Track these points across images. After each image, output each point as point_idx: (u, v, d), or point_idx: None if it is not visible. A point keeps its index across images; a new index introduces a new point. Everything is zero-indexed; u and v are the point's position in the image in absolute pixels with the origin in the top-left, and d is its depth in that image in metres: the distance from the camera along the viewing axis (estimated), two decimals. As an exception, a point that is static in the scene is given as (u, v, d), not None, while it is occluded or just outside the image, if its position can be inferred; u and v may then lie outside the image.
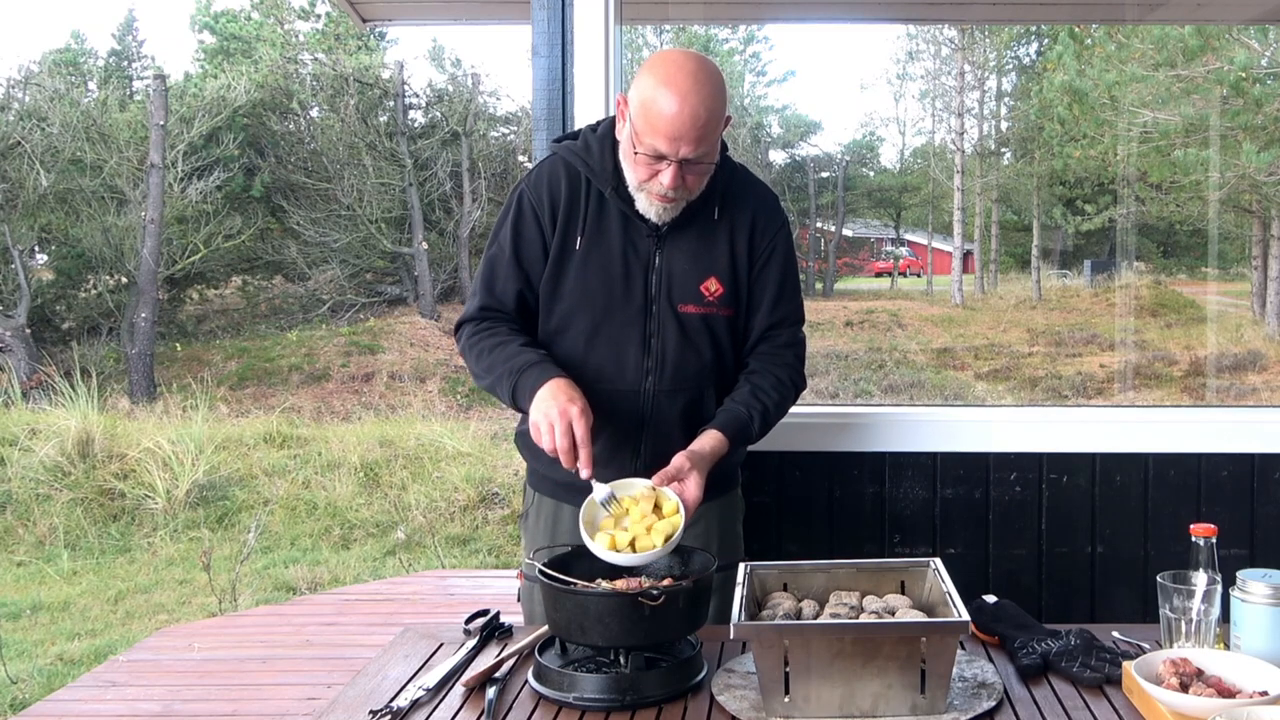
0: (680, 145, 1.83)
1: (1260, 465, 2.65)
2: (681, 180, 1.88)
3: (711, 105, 1.83)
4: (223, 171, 17.91)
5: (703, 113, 1.82)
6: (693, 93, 1.82)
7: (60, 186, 16.77)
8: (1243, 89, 12.10)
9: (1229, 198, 15.17)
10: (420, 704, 1.64)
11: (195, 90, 19.19)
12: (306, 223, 18.70)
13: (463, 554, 7.74)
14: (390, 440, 9.84)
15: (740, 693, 1.62)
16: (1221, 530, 1.65)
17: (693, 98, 1.81)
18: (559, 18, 2.62)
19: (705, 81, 1.84)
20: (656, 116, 1.83)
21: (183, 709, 3.84)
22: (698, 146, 1.84)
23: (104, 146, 17.35)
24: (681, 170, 1.86)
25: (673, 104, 1.81)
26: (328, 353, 16.57)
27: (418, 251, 18.75)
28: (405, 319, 18.32)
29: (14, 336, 14.85)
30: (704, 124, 1.82)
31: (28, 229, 16.74)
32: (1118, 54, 13.59)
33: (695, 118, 1.81)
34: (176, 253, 17.48)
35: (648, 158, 1.87)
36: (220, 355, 16.91)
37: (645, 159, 1.87)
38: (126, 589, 6.99)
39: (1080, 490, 2.67)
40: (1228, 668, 1.54)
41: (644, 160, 1.88)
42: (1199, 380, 14.68)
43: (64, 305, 17.75)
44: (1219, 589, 1.60)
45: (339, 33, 21.66)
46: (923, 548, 2.66)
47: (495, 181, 19.75)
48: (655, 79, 1.84)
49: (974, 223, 22.26)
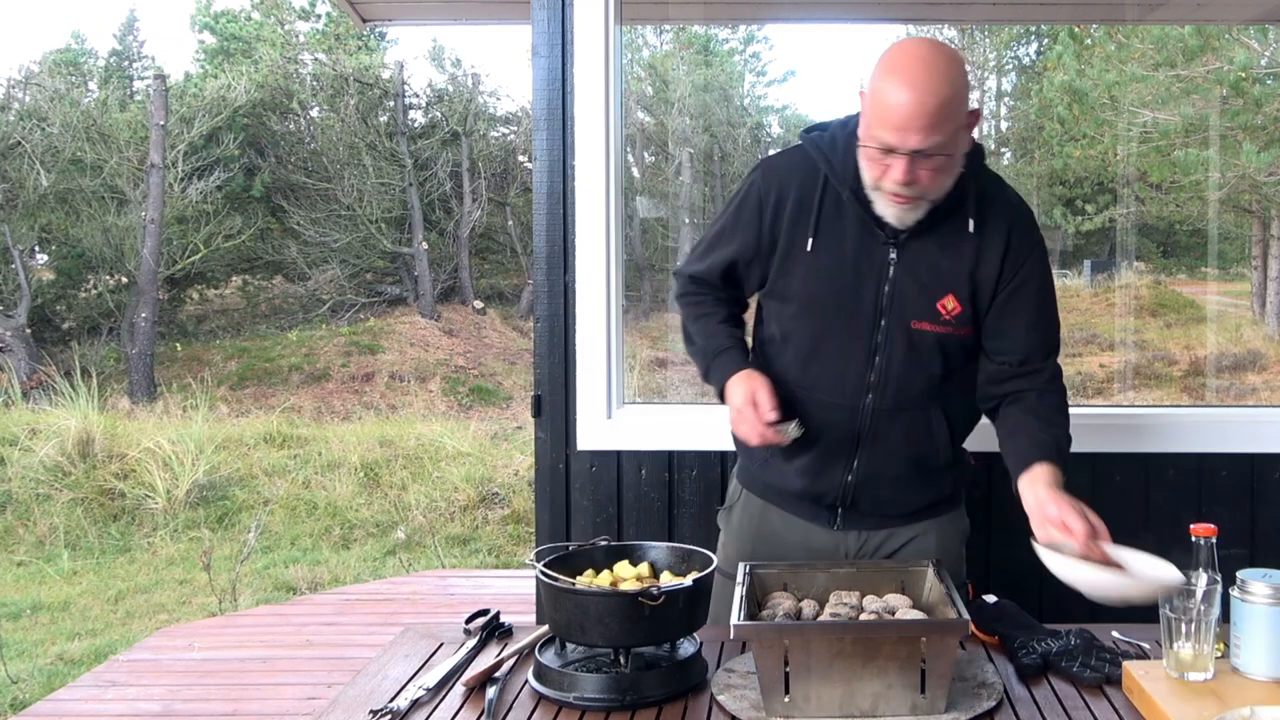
0: (908, 136, 1.70)
1: (1260, 465, 2.65)
2: (914, 176, 1.74)
3: (943, 92, 1.69)
4: (223, 171, 17.90)
5: (930, 100, 1.68)
6: (922, 79, 1.69)
7: (60, 186, 16.76)
8: (1243, 89, 12.10)
9: (1229, 198, 15.16)
10: (420, 704, 1.64)
11: (195, 90, 19.18)
12: (306, 223, 18.69)
13: (463, 554, 7.74)
14: (390, 440, 9.84)
15: (740, 693, 1.62)
16: (1221, 530, 1.65)
17: (921, 85, 1.69)
18: (559, 18, 2.62)
19: (937, 68, 1.71)
20: (883, 106, 1.72)
21: (183, 709, 3.84)
22: (928, 137, 1.70)
23: (104, 146, 17.34)
24: (913, 165, 1.73)
25: (899, 92, 1.70)
26: (328, 353, 16.56)
27: (418, 251, 18.74)
28: (405, 319, 18.31)
29: (14, 336, 14.84)
30: (932, 112, 1.69)
31: (28, 229, 16.73)
32: (1118, 54, 13.59)
33: (923, 105, 1.68)
34: (176, 253, 17.47)
35: (877, 151, 1.75)
36: (220, 355, 16.90)
37: (875, 153, 1.76)
38: (126, 589, 6.99)
39: (1080, 490, 2.63)
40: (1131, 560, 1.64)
41: (873, 154, 1.76)
42: (1199, 380, 14.67)
43: (64, 305, 17.74)
44: (1219, 589, 1.60)
45: (339, 33, 21.65)
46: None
47: (495, 181, 19.76)
48: (885, 67, 1.74)
49: (974, 223, 22.23)
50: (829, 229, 1.88)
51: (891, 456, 1.92)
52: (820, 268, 1.88)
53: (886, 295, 1.86)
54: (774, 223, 1.91)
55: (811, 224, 1.88)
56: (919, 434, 1.91)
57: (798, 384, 1.92)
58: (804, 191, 1.89)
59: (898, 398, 1.89)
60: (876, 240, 1.86)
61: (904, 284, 1.86)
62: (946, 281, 1.86)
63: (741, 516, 2.10)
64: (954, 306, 1.86)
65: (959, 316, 1.87)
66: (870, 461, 1.93)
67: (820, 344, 1.90)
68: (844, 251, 1.87)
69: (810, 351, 1.91)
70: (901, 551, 2.01)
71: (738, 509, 2.11)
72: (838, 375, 1.90)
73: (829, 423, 1.91)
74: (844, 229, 1.88)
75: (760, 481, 2.07)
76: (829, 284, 1.88)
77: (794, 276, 1.91)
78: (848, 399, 1.90)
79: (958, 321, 1.87)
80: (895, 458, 1.92)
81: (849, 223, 1.87)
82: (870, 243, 1.86)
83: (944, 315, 1.86)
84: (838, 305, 1.88)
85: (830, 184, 1.88)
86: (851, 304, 1.87)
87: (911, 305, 1.86)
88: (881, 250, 1.86)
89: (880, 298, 1.86)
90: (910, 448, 1.93)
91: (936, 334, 1.87)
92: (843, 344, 1.89)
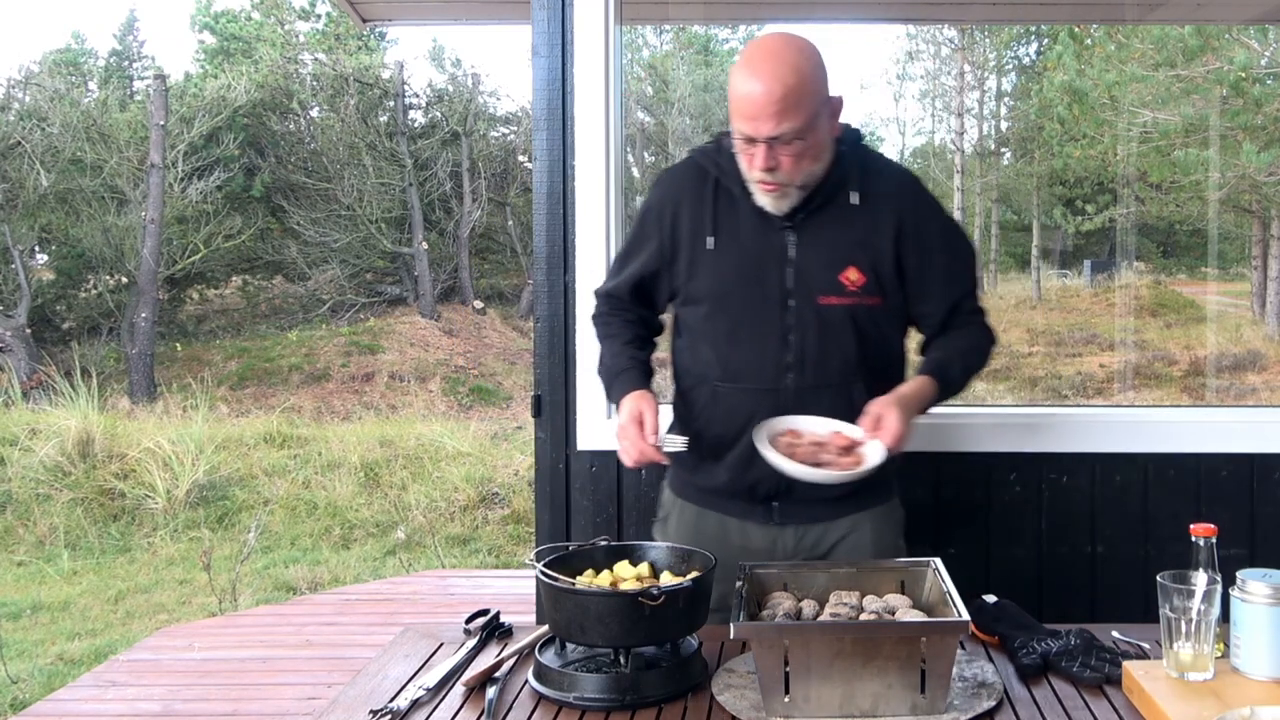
0: (761, 124, 1.79)
1: (1260, 465, 2.65)
2: (775, 162, 1.83)
3: (789, 80, 1.78)
4: (223, 171, 17.91)
5: (777, 88, 1.77)
6: (768, 70, 1.78)
7: (60, 186, 16.77)
8: (1243, 89, 12.10)
9: (1229, 198, 15.17)
10: (420, 704, 1.64)
11: (195, 90, 19.18)
12: (306, 223, 18.70)
13: (463, 554, 7.74)
14: (390, 440, 9.84)
15: (740, 693, 1.62)
16: (1221, 530, 1.65)
17: (768, 75, 1.78)
18: (559, 18, 2.61)
19: (784, 59, 1.80)
20: (737, 98, 1.82)
21: (183, 709, 3.84)
22: (779, 124, 1.78)
23: (104, 146, 17.34)
24: (771, 152, 1.81)
25: (748, 83, 1.79)
26: (328, 353, 16.56)
27: (418, 251, 18.75)
28: (405, 319, 18.32)
29: (14, 336, 14.85)
30: (779, 100, 1.77)
31: (28, 229, 16.74)
32: (1118, 54, 13.59)
33: (770, 94, 1.77)
34: (176, 253, 17.47)
35: (742, 142, 1.85)
36: (220, 355, 16.90)
37: (740, 144, 1.86)
38: (126, 589, 6.99)
39: (1080, 490, 2.67)
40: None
41: (740, 146, 1.86)
42: (1199, 380, 14.67)
43: (64, 305, 17.75)
44: (1219, 589, 1.60)
45: (339, 33, 21.65)
46: (923, 548, 2.65)
47: (495, 181, 19.76)
48: (738, 63, 1.83)
49: (974, 223, 22.25)
50: (726, 226, 1.97)
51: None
52: (724, 263, 1.96)
53: (791, 277, 1.94)
54: (674, 230, 2.00)
55: (709, 224, 1.97)
56: (842, 411, 1.94)
57: (719, 379, 1.98)
58: (698, 195, 1.98)
59: (817, 375, 1.95)
60: (773, 228, 1.94)
61: (806, 264, 1.93)
62: (845, 255, 1.93)
63: (677, 525, 2.10)
64: (857, 278, 1.93)
65: (864, 286, 1.93)
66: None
67: (735, 335, 1.96)
68: (743, 244, 1.95)
69: (727, 345, 1.97)
70: (839, 546, 2.03)
71: (673, 518, 2.12)
72: (756, 361, 1.95)
73: (753, 410, 1.95)
74: (740, 223, 1.96)
75: (692, 486, 2.08)
76: (734, 276, 1.96)
77: (700, 277, 1.98)
78: (769, 382, 1.95)
79: (863, 291, 1.94)
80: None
81: (744, 217, 1.96)
82: (768, 231, 1.94)
83: (849, 287, 1.93)
84: (746, 295, 1.95)
85: (722, 184, 1.97)
86: (759, 291, 1.94)
87: (816, 282, 1.93)
88: (779, 236, 1.94)
89: (785, 280, 1.94)
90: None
91: (845, 306, 1.93)
92: (757, 331, 1.95)
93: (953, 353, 1.98)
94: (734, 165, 1.93)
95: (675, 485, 2.13)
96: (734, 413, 1.96)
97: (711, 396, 1.98)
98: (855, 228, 1.94)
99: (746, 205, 1.95)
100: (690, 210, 1.98)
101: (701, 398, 2.00)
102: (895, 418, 1.82)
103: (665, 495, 2.17)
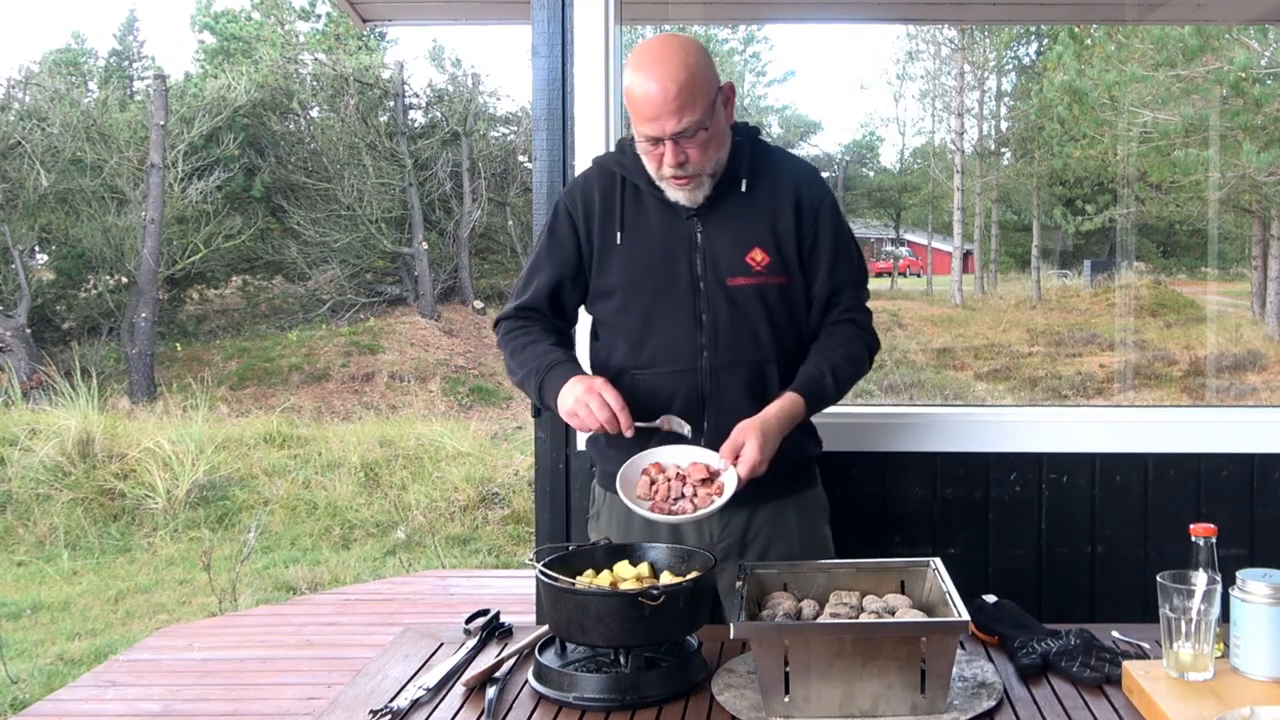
0: (664, 123, 1.87)
1: (1260, 465, 2.65)
2: (684, 156, 1.91)
3: (681, 76, 1.86)
4: (223, 171, 17.91)
5: (672, 85, 1.85)
6: (658, 69, 1.86)
7: (60, 186, 16.77)
8: (1243, 89, 12.10)
9: (1229, 198, 15.17)
10: (420, 704, 1.64)
11: (195, 90, 19.18)
12: (306, 223, 18.70)
13: (463, 554, 7.74)
14: (390, 440, 9.84)
15: (740, 693, 1.62)
16: (1221, 530, 1.65)
17: (659, 74, 1.86)
18: (559, 18, 2.61)
19: (671, 55, 1.88)
20: (635, 103, 1.89)
21: (183, 709, 3.84)
22: (680, 119, 1.87)
23: (104, 146, 17.34)
24: (678, 147, 1.90)
25: (642, 85, 1.87)
26: (328, 353, 16.56)
27: (418, 251, 18.75)
28: (405, 319, 18.32)
29: (14, 336, 14.85)
30: (676, 96, 1.85)
31: (28, 229, 16.74)
32: (1118, 54, 13.59)
33: (665, 92, 1.85)
34: (176, 253, 17.47)
35: (647, 144, 1.93)
36: (220, 355, 16.90)
37: (646, 146, 1.93)
38: (126, 589, 6.99)
39: (1080, 490, 2.67)
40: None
41: (645, 148, 1.94)
42: (1199, 380, 14.67)
43: (64, 305, 17.75)
44: (1219, 589, 1.60)
45: (339, 33, 21.65)
46: (923, 548, 2.66)
47: (495, 181, 19.76)
48: (629, 70, 1.92)
49: (974, 223, 22.26)
50: (634, 221, 2.05)
51: (737, 413, 1.96)
52: (634, 255, 2.04)
53: (699, 261, 2.02)
54: (587, 230, 2.07)
55: (617, 220, 2.05)
56: (758, 389, 2.01)
57: (635, 367, 2.04)
58: (605, 195, 2.06)
59: (731, 353, 2.01)
60: (680, 217, 2.03)
61: (713, 248, 2.02)
62: (750, 238, 2.02)
63: (608, 520, 2.13)
64: (762, 258, 2.02)
65: (769, 266, 2.02)
66: (719, 421, 1.98)
67: (650, 321, 2.03)
68: (652, 236, 2.04)
69: (641, 332, 2.03)
70: (764, 532, 2.06)
71: (603, 514, 2.15)
72: (671, 344, 2.02)
73: (672, 392, 2.01)
74: (647, 217, 2.04)
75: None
76: (645, 266, 2.03)
77: (611, 271, 2.05)
78: (685, 363, 2.01)
79: (769, 271, 2.02)
80: (740, 415, 1.95)
81: (651, 210, 2.04)
82: (674, 221, 2.03)
83: (755, 267, 2.01)
84: (657, 283, 2.02)
85: (628, 182, 2.06)
86: (668, 278, 2.02)
87: (724, 265, 2.01)
88: (686, 225, 2.03)
89: (694, 265, 2.02)
90: (753, 402, 1.99)
91: (754, 285, 2.01)
92: (670, 315, 2.02)
93: (825, 367, 2.02)
94: (638, 162, 2.01)
95: (604, 480, 2.15)
96: (654, 397, 2.01)
97: (630, 385, 2.01)
98: (760, 213, 2.03)
99: (653, 200, 2.03)
100: (601, 209, 2.06)
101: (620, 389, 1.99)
102: (755, 446, 1.86)
103: (595, 492, 2.21)
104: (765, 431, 1.89)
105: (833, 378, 2.01)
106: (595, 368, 2.11)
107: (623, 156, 2.07)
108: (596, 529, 2.17)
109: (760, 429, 1.89)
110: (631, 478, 1.90)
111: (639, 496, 1.88)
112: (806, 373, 2.02)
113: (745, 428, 1.89)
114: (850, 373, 2.05)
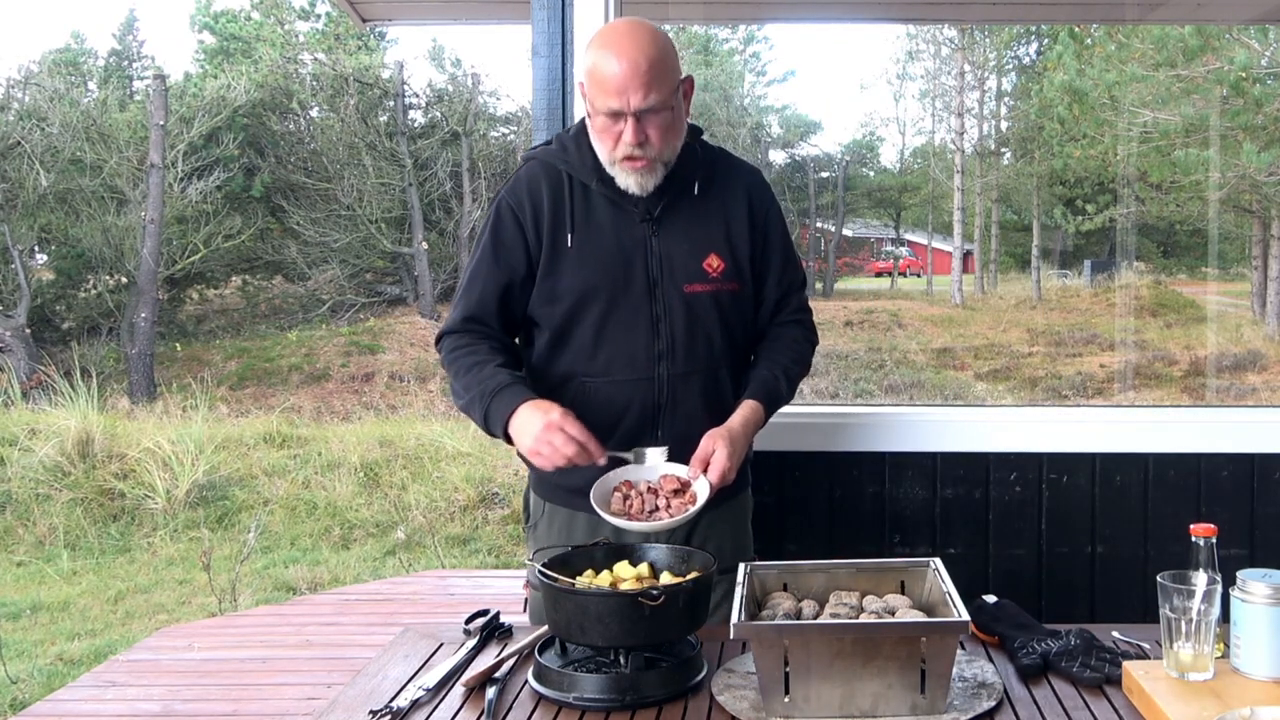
0: (630, 96, 1.86)
1: (1260, 465, 2.65)
2: (644, 135, 1.89)
3: (651, 53, 1.86)
4: (223, 171, 17.92)
5: (642, 61, 1.85)
6: (629, 45, 1.86)
7: (60, 186, 16.78)
8: (1243, 89, 12.10)
9: (1229, 198, 15.17)
10: (420, 704, 1.64)
11: (195, 90, 19.19)
12: (306, 223, 18.71)
13: (463, 554, 7.74)
14: (390, 440, 9.84)
15: (740, 693, 1.62)
16: (1221, 530, 1.65)
17: (629, 49, 1.86)
18: (559, 18, 2.61)
19: (641, 34, 1.89)
20: (602, 77, 1.87)
21: (183, 709, 3.84)
22: (647, 94, 1.86)
23: (104, 146, 17.35)
24: (640, 125, 1.88)
25: (613, 61, 1.86)
26: (328, 353, 16.57)
27: (418, 251, 18.75)
28: (405, 319, 18.33)
29: (14, 336, 14.85)
30: (645, 71, 1.85)
31: (28, 229, 16.75)
32: (1118, 54, 13.59)
33: (636, 66, 1.85)
34: (176, 253, 17.48)
35: (606, 120, 1.89)
36: (220, 355, 16.91)
37: (605, 122, 1.90)
38: (126, 589, 6.99)
39: (1080, 490, 2.67)
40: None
41: (604, 125, 1.90)
42: (1199, 380, 14.67)
43: (64, 305, 17.75)
44: (1219, 589, 1.60)
45: (339, 33, 21.66)
46: (923, 548, 2.66)
47: (495, 181, 19.75)
48: (596, 46, 1.91)
49: (974, 223, 22.26)
50: (584, 222, 1.98)
51: (692, 421, 1.95)
52: (586, 258, 1.96)
53: (655, 266, 1.97)
54: (536, 229, 1.98)
55: (567, 221, 1.97)
56: (713, 395, 2.00)
57: (587, 374, 1.97)
58: (554, 194, 1.98)
59: (687, 362, 1.98)
60: (633, 220, 1.98)
61: (668, 253, 1.98)
62: (704, 244, 2.00)
63: (547, 530, 2.07)
64: (718, 264, 2.00)
65: (724, 272, 2.00)
66: (674, 429, 1.97)
67: (604, 327, 1.97)
68: (604, 238, 1.97)
69: (595, 338, 1.97)
70: (711, 536, 2.05)
71: (542, 524, 2.09)
72: (627, 351, 1.97)
73: (627, 401, 1.97)
74: (599, 218, 1.98)
75: (562, 490, 2.03)
76: (598, 270, 1.96)
77: (561, 274, 1.97)
78: (641, 371, 1.97)
79: (724, 277, 2.00)
80: (696, 422, 1.94)
81: (602, 211, 1.98)
82: (628, 224, 1.98)
83: (711, 273, 1.99)
84: (612, 288, 1.96)
85: (575, 181, 1.99)
86: (624, 284, 1.96)
87: (681, 270, 1.98)
88: (640, 228, 1.98)
89: (650, 269, 1.97)
90: (707, 408, 1.98)
91: (710, 292, 1.99)
92: (626, 322, 1.97)
93: (778, 371, 2.03)
94: (584, 158, 1.97)
95: (542, 490, 2.09)
96: (607, 406, 1.96)
97: (580, 392, 1.97)
98: (714, 217, 2.01)
99: (602, 200, 1.98)
100: (550, 208, 1.97)
101: (568, 396, 1.95)
102: (725, 454, 1.86)
103: (532, 501, 2.14)
104: (733, 440, 1.89)
105: (785, 381, 2.03)
106: (535, 374, 2.03)
107: (565, 154, 2.00)
108: (534, 538, 2.11)
109: (729, 437, 1.89)
110: (604, 496, 1.87)
111: (614, 513, 1.86)
112: (761, 378, 2.01)
113: (714, 436, 1.89)
114: (799, 374, 2.07)
